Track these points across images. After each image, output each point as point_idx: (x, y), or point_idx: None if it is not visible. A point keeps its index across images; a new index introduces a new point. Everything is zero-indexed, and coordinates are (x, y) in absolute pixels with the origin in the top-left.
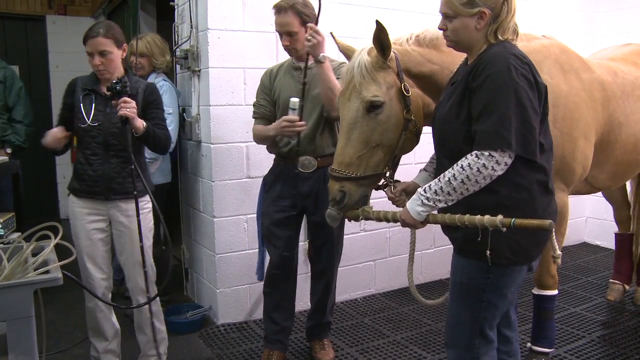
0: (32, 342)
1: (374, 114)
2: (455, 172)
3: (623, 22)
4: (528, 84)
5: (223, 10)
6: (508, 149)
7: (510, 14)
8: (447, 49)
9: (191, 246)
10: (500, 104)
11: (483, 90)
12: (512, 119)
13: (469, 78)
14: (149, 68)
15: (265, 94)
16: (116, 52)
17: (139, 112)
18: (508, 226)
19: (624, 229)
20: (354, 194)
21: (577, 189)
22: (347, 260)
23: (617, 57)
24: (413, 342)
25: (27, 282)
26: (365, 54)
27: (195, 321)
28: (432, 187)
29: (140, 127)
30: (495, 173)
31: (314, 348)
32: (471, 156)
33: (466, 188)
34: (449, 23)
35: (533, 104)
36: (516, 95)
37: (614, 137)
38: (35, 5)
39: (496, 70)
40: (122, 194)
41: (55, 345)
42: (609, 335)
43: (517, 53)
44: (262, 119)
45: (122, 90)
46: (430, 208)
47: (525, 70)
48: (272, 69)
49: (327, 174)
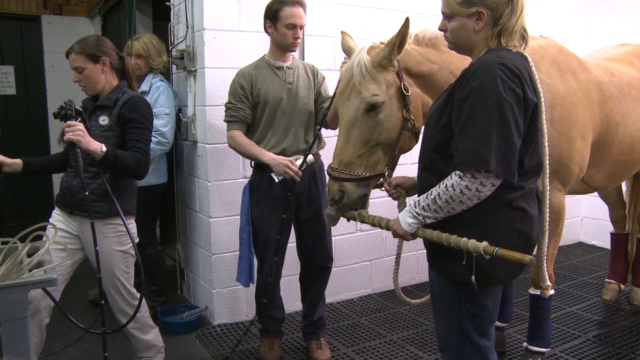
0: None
1: (374, 113)
2: (440, 191)
3: (619, 22)
4: (515, 98)
5: (219, 10)
6: (485, 169)
7: (514, 16)
8: (446, 49)
9: (187, 246)
10: (481, 119)
11: (467, 103)
12: (493, 136)
13: (456, 86)
14: (146, 69)
15: (244, 97)
16: (91, 67)
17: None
18: (491, 254)
19: (620, 228)
20: (352, 193)
21: (574, 189)
22: (343, 260)
23: (613, 57)
24: (409, 342)
25: (22, 283)
26: (364, 53)
27: (192, 322)
28: (421, 202)
29: (97, 151)
30: (482, 194)
31: (311, 348)
32: (455, 176)
33: (452, 207)
34: (448, 23)
35: (517, 122)
36: (500, 109)
37: (611, 137)
38: (30, 5)
39: (481, 81)
40: (84, 211)
41: (52, 346)
42: (604, 335)
43: (509, 64)
44: (241, 122)
45: (66, 114)
46: (419, 222)
47: (515, 83)
48: (249, 71)
49: (316, 171)
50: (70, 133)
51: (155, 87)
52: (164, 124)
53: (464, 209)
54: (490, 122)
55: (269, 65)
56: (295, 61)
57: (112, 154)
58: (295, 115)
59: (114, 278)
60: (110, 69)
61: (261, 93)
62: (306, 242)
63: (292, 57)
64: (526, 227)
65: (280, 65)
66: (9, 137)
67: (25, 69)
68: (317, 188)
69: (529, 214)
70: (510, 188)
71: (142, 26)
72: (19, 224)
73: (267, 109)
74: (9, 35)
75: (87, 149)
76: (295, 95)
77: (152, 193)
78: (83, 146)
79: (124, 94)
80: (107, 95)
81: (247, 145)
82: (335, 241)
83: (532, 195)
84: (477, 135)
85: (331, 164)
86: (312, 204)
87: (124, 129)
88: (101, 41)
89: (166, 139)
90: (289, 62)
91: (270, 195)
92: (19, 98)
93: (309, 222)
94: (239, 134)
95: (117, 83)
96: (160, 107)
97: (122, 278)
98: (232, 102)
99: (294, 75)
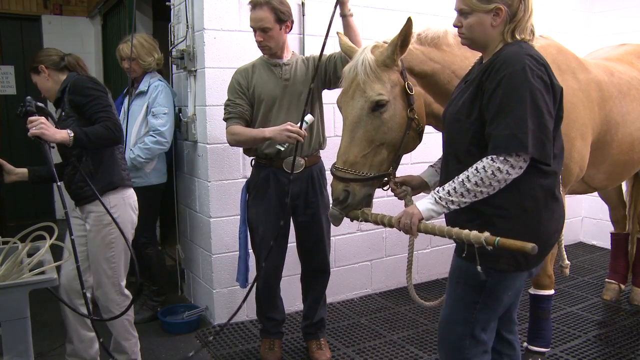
0: (28, 344)
1: (379, 113)
2: (470, 174)
3: (619, 22)
4: (544, 85)
5: (219, 10)
6: (524, 153)
7: (527, 13)
8: (448, 48)
9: (187, 246)
10: (515, 106)
11: (498, 92)
12: (528, 122)
13: (483, 77)
14: (140, 70)
15: (241, 93)
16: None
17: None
18: (492, 244)
19: (620, 228)
20: (357, 193)
21: (574, 189)
22: (343, 260)
23: (613, 57)
24: (410, 342)
25: (22, 282)
26: (368, 52)
27: (192, 321)
28: (446, 187)
29: (66, 138)
30: (510, 177)
31: (311, 348)
32: (487, 159)
33: (480, 191)
34: (464, 20)
35: (548, 107)
36: (532, 97)
37: (611, 137)
38: (30, 5)
39: (512, 70)
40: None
41: (50, 346)
42: (605, 335)
43: (534, 54)
44: (240, 118)
45: (27, 112)
46: (440, 208)
47: (542, 71)
48: (246, 68)
49: (316, 173)
50: (34, 128)
51: (153, 86)
52: (163, 123)
53: (489, 193)
54: (524, 108)
55: (265, 63)
56: (293, 57)
57: (81, 134)
58: (292, 112)
59: (99, 269)
60: (54, 72)
61: (256, 91)
62: (304, 245)
63: (292, 52)
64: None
65: (276, 62)
66: (9, 137)
67: (25, 69)
68: (315, 192)
69: (560, 202)
70: (546, 176)
71: (142, 26)
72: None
73: (263, 106)
74: (9, 35)
75: (53, 139)
76: (292, 91)
77: (151, 193)
78: (49, 138)
79: (66, 81)
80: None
81: (245, 131)
82: (335, 241)
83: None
84: (512, 122)
85: (335, 163)
86: (309, 206)
87: (81, 112)
88: (38, 53)
89: (165, 138)
90: (286, 59)
91: (267, 196)
92: (19, 98)
93: (306, 226)
94: (236, 127)
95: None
96: (158, 107)
97: (107, 269)
98: (230, 98)
99: (291, 71)
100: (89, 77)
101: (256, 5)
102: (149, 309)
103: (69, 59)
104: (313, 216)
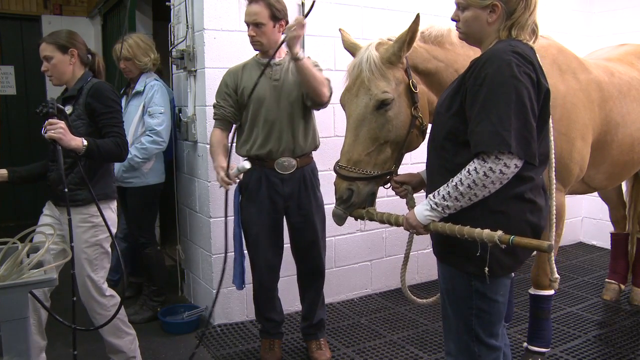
0: (28, 344)
1: (383, 110)
2: (462, 177)
3: (619, 22)
4: (530, 82)
5: (219, 10)
6: (507, 151)
7: (528, 11)
8: (451, 47)
9: (187, 246)
10: (499, 102)
11: (482, 89)
12: (512, 119)
13: (467, 73)
14: (136, 70)
15: (227, 95)
16: (59, 57)
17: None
18: (506, 243)
19: (620, 228)
20: (361, 192)
21: (574, 189)
22: (343, 260)
23: (613, 58)
24: (409, 342)
25: (22, 283)
26: (373, 49)
27: (192, 322)
28: (441, 192)
29: (79, 146)
30: (505, 177)
31: (311, 348)
32: (477, 159)
33: (474, 193)
34: (461, 13)
35: (533, 105)
36: (517, 93)
37: (611, 137)
38: (30, 5)
39: (497, 66)
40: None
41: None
42: (604, 335)
43: (521, 51)
44: (222, 120)
45: (47, 113)
46: (438, 213)
47: (528, 68)
48: (236, 69)
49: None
50: (52, 131)
51: (149, 86)
52: (159, 122)
53: (485, 195)
54: (508, 105)
55: (257, 62)
56: (286, 57)
57: (93, 146)
58: (281, 113)
59: (81, 270)
60: (79, 62)
61: (245, 92)
62: (298, 247)
63: (287, 53)
64: (535, 218)
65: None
66: (8, 137)
67: (25, 69)
68: (308, 193)
69: (538, 205)
70: (520, 181)
71: (142, 26)
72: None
73: (251, 107)
74: (9, 35)
75: (68, 146)
76: (281, 92)
77: (150, 193)
78: (64, 144)
79: (88, 83)
80: (73, 86)
81: (213, 146)
82: (335, 241)
83: (540, 187)
84: (496, 118)
85: (339, 161)
86: (301, 208)
87: (94, 118)
88: (72, 34)
89: (161, 137)
90: (279, 59)
91: (259, 197)
92: (19, 98)
93: (299, 227)
94: (215, 132)
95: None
96: (155, 106)
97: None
98: (216, 100)
99: (282, 72)
100: (111, 87)
101: (252, 0)
102: (149, 309)
103: (96, 59)
104: (306, 218)
